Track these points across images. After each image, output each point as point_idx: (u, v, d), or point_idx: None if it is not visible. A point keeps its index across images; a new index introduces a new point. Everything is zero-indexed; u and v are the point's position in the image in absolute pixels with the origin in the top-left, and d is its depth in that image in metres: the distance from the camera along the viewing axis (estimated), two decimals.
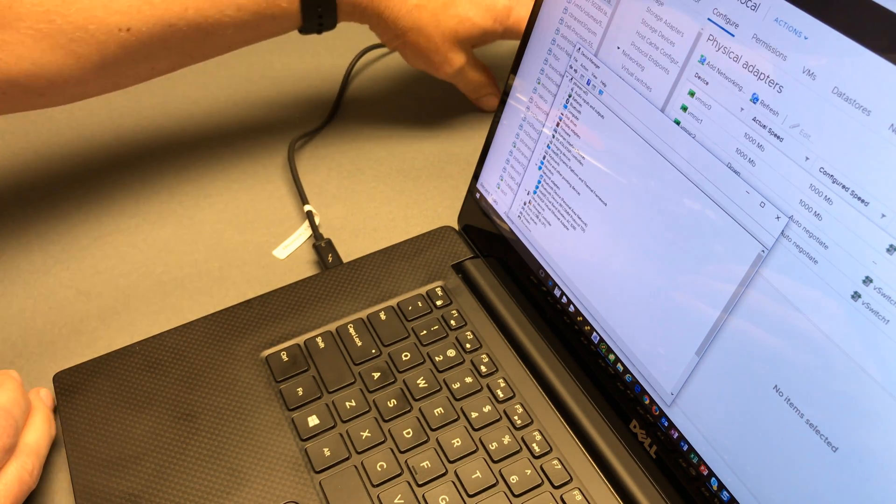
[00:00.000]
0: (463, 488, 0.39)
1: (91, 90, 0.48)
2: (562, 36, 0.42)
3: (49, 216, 0.56)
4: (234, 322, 0.46)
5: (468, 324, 0.46)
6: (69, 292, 0.51)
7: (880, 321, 0.27)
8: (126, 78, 0.48)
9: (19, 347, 0.48)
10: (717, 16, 0.33)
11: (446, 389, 0.43)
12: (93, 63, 0.44)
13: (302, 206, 0.55)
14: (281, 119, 0.64)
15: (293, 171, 0.57)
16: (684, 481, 0.37)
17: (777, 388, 0.31)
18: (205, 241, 0.54)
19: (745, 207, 0.32)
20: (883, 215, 0.27)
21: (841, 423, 0.29)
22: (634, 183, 0.38)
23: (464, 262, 0.49)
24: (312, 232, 0.53)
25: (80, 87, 0.46)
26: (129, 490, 0.39)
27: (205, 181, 0.58)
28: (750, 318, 0.32)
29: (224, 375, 0.44)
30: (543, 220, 0.44)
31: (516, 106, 0.46)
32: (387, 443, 0.40)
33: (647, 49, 0.36)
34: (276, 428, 0.41)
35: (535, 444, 0.40)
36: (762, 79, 0.31)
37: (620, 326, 0.39)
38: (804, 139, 0.30)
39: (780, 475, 0.32)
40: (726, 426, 0.34)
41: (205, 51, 0.49)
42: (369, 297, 0.47)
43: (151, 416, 0.42)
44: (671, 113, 0.35)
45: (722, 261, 0.33)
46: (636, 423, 0.39)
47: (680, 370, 0.36)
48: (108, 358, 0.44)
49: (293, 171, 0.57)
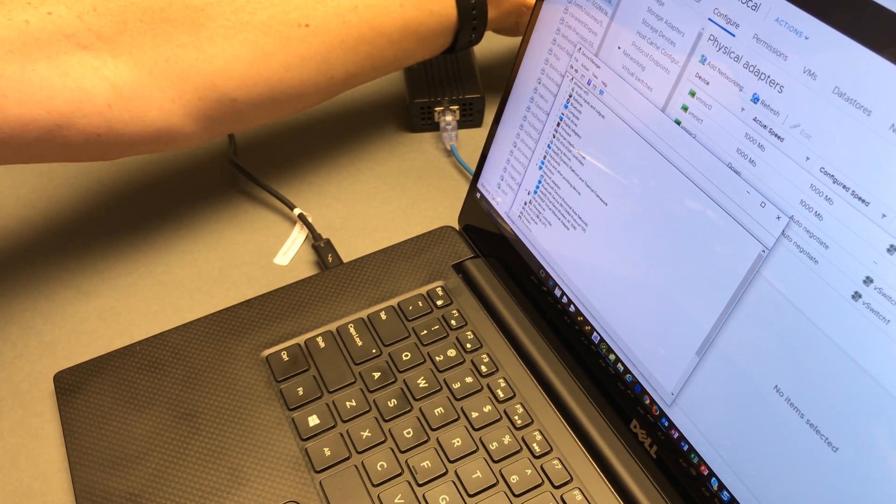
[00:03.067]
0: (463, 488, 0.39)
1: (278, 101, 0.47)
2: (562, 36, 0.42)
3: (49, 216, 0.56)
4: (234, 322, 0.46)
5: (468, 324, 0.46)
6: (69, 292, 0.51)
7: (881, 321, 0.27)
8: (307, 86, 0.47)
9: (19, 347, 0.48)
10: (718, 16, 0.33)
11: (446, 389, 0.43)
12: (278, 62, 0.45)
13: (291, 210, 0.55)
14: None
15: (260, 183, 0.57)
16: (685, 481, 0.37)
17: (777, 388, 0.31)
18: (205, 241, 0.54)
19: (746, 207, 0.32)
20: (883, 215, 0.27)
21: (841, 423, 0.29)
22: (635, 183, 0.38)
23: (464, 261, 0.49)
24: (309, 232, 0.53)
25: (267, 92, 0.45)
26: (130, 489, 0.39)
27: (205, 181, 0.58)
28: (750, 318, 0.32)
29: (224, 375, 0.44)
30: (544, 219, 0.44)
31: (517, 106, 0.46)
32: (387, 443, 0.41)
33: (647, 49, 0.37)
34: (276, 428, 0.41)
35: (536, 444, 0.40)
36: (763, 79, 0.31)
37: (620, 326, 0.39)
38: (805, 139, 0.30)
39: (781, 475, 0.32)
40: (726, 426, 0.34)
41: (380, 54, 0.49)
42: (370, 297, 0.47)
43: (151, 416, 0.42)
44: (672, 113, 0.35)
45: (722, 261, 0.33)
46: (636, 422, 0.39)
47: (680, 370, 0.36)
48: (108, 358, 0.44)
49: (261, 184, 0.57)
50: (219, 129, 0.47)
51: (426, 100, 0.60)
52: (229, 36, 0.43)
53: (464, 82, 0.61)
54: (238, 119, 0.46)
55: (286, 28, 0.44)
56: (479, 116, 0.62)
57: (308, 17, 0.45)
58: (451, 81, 0.61)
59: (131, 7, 0.41)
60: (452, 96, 0.60)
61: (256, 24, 0.43)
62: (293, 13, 0.44)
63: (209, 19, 0.42)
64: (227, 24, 0.43)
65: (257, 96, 0.45)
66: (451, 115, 0.60)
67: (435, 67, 0.62)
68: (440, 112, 0.60)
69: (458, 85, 0.61)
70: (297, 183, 0.58)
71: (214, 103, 0.44)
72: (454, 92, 0.60)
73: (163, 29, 0.41)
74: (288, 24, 0.44)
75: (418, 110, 0.61)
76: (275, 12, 0.44)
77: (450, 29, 0.51)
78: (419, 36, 0.50)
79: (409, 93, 0.61)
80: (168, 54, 0.42)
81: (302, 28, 0.45)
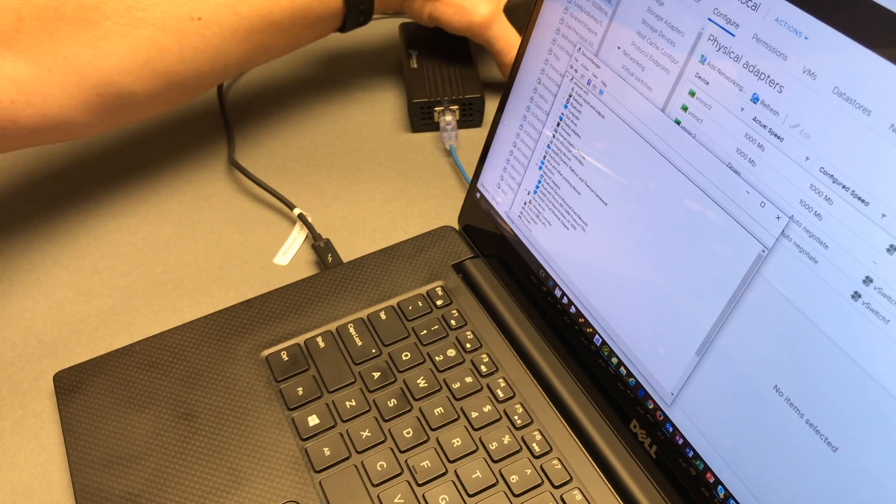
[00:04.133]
0: (463, 488, 0.39)
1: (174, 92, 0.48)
2: (562, 35, 0.42)
3: (49, 216, 0.56)
4: (234, 322, 0.46)
5: (468, 323, 0.46)
6: (69, 292, 0.51)
7: (880, 321, 0.27)
8: (203, 77, 0.49)
9: (19, 347, 0.48)
10: (718, 16, 0.33)
11: (446, 389, 0.43)
12: (174, 55, 0.46)
13: (290, 210, 0.55)
14: None
15: (261, 183, 0.57)
16: (684, 481, 0.37)
17: (777, 388, 0.31)
18: (205, 241, 0.54)
19: (746, 207, 0.32)
20: (883, 215, 0.27)
21: (841, 423, 0.29)
22: (635, 183, 0.38)
23: (464, 261, 0.49)
24: (309, 232, 0.53)
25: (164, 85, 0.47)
26: (129, 489, 0.39)
27: (204, 181, 0.58)
28: (750, 317, 0.32)
29: (224, 375, 0.44)
30: (544, 219, 0.44)
31: (517, 106, 0.46)
32: (387, 442, 0.40)
33: (647, 49, 0.37)
34: (276, 427, 0.41)
35: (535, 444, 0.40)
36: (762, 79, 0.31)
37: (620, 326, 0.39)
38: (804, 139, 0.30)
39: (780, 475, 0.32)
40: (726, 426, 0.34)
41: (271, 41, 0.51)
42: (369, 297, 0.47)
43: (151, 416, 0.42)
44: (671, 113, 0.35)
45: (722, 261, 0.33)
46: (636, 422, 0.39)
47: (680, 370, 0.36)
48: (108, 358, 0.44)
49: (261, 183, 0.57)
50: (118, 120, 0.49)
51: (426, 100, 0.60)
52: (124, 33, 0.44)
53: (463, 82, 0.61)
54: (137, 110, 0.48)
55: (179, 22, 0.46)
56: (479, 116, 0.62)
57: (200, 11, 0.46)
58: (451, 81, 0.61)
59: (26, 6, 0.42)
60: (452, 96, 0.60)
61: (150, 20, 0.45)
62: (185, 7, 0.46)
63: (103, 17, 0.44)
64: (122, 22, 0.44)
65: (154, 89, 0.47)
66: (450, 115, 0.60)
67: (435, 67, 0.62)
68: (440, 112, 0.60)
69: (458, 85, 0.61)
70: (296, 183, 0.58)
71: (113, 98, 0.46)
72: (454, 92, 0.60)
73: (59, 27, 0.43)
74: (181, 18, 0.46)
75: (418, 110, 0.61)
76: (167, 7, 0.45)
77: (338, 13, 0.53)
78: (308, 21, 0.52)
79: (408, 93, 0.61)
80: (66, 52, 0.43)
81: (195, 21, 0.46)
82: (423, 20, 0.60)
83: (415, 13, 0.59)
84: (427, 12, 0.59)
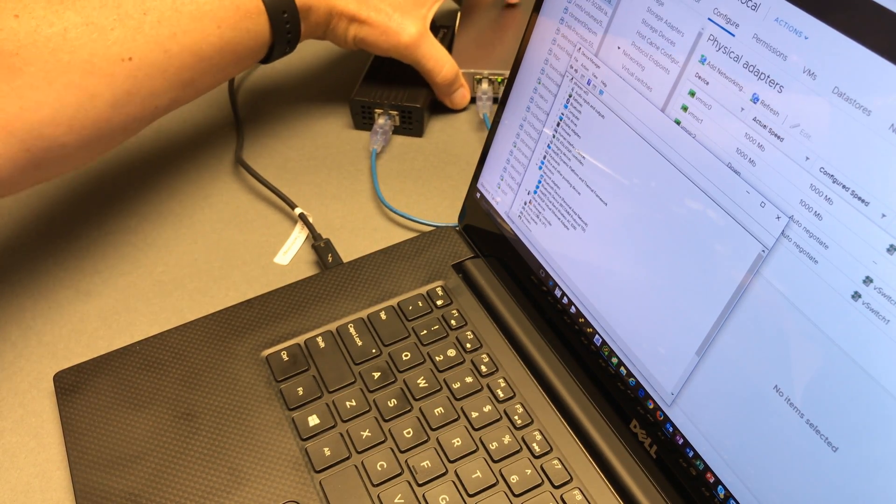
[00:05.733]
0: (463, 488, 0.39)
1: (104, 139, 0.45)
2: (562, 36, 0.42)
3: (49, 216, 0.56)
4: (234, 322, 0.46)
5: (468, 324, 0.46)
6: (69, 292, 0.51)
7: (880, 321, 0.27)
8: (134, 121, 0.46)
9: (19, 347, 0.48)
10: (718, 16, 0.33)
11: (446, 389, 0.43)
12: (105, 101, 0.43)
13: (292, 210, 0.55)
14: None
15: (265, 181, 0.57)
16: (684, 481, 0.37)
17: (777, 388, 0.31)
18: (205, 240, 0.54)
19: (746, 207, 0.32)
20: (883, 215, 0.27)
21: (841, 423, 0.29)
22: (635, 183, 0.38)
23: (464, 261, 0.49)
24: (310, 232, 0.53)
25: (95, 133, 0.44)
26: (129, 489, 0.39)
27: (204, 181, 0.58)
28: (750, 317, 0.32)
29: (224, 375, 0.44)
30: (544, 219, 0.44)
31: (517, 106, 0.46)
32: (387, 442, 0.41)
33: (647, 49, 0.37)
34: (276, 427, 0.41)
35: (536, 444, 0.40)
36: (762, 79, 0.31)
37: (620, 326, 0.39)
38: (804, 139, 0.30)
39: (780, 475, 0.32)
40: (727, 426, 0.34)
41: (201, 78, 0.49)
42: (370, 297, 0.47)
43: (151, 416, 0.42)
44: (671, 113, 0.35)
45: (722, 261, 0.33)
46: (636, 422, 0.39)
47: (680, 370, 0.36)
48: (108, 358, 0.44)
49: (265, 182, 0.57)
50: (44, 176, 0.45)
51: (367, 100, 0.61)
52: (52, 79, 0.41)
53: (410, 92, 0.61)
54: (66, 162, 0.45)
55: (109, 65, 0.43)
56: (419, 126, 0.62)
57: (130, 51, 0.43)
58: (399, 88, 0.62)
59: None
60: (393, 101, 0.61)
61: (77, 63, 0.41)
62: (114, 47, 0.43)
63: (26, 63, 0.40)
64: (47, 68, 0.41)
65: (85, 139, 0.44)
66: (384, 119, 0.61)
67: (391, 73, 0.63)
68: (379, 114, 0.61)
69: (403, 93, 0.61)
70: (297, 183, 0.58)
71: (43, 152, 0.42)
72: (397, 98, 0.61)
73: None
74: (110, 59, 0.43)
75: (359, 108, 0.62)
76: (95, 49, 0.42)
77: (265, 44, 0.51)
78: (237, 55, 0.50)
79: (356, 91, 0.62)
80: None
81: (126, 62, 0.43)
82: (347, 45, 0.57)
83: (339, 38, 0.57)
84: (351, 35, 0.56)
